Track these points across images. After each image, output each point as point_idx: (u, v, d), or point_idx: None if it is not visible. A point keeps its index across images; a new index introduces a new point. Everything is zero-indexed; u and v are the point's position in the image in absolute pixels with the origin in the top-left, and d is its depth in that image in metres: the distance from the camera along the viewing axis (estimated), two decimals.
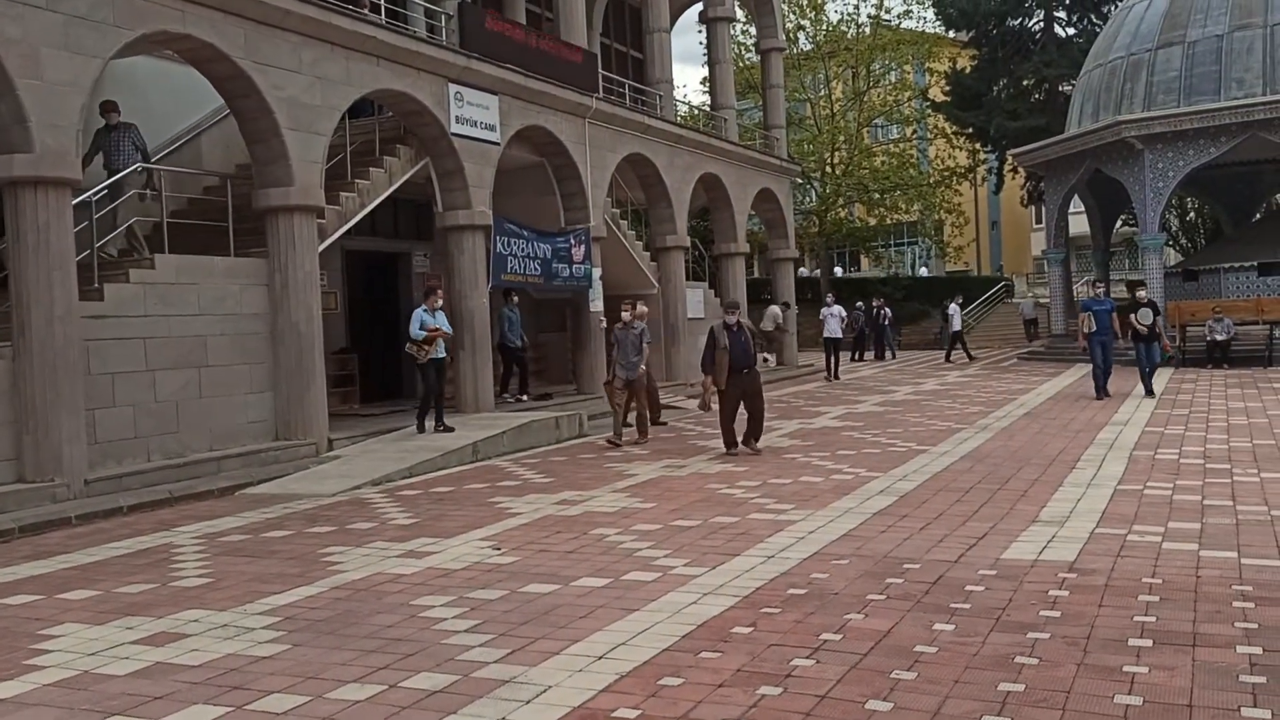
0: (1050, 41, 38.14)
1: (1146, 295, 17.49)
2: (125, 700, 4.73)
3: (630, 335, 13.62)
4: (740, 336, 12.06)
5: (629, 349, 13.59)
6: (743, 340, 12.09)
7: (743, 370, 12.03)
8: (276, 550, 7.91)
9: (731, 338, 11.99)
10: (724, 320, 12.19)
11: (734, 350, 11.94)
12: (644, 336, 13.71)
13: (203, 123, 16.03)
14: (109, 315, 10.87)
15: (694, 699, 4.49)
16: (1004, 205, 50.93)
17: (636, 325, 13.68)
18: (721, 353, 11.92)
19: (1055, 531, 7.51)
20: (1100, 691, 4.42)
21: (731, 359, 11.89)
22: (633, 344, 13.60)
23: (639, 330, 13.66)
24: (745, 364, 12.07)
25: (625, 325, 13.73)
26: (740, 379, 12.01)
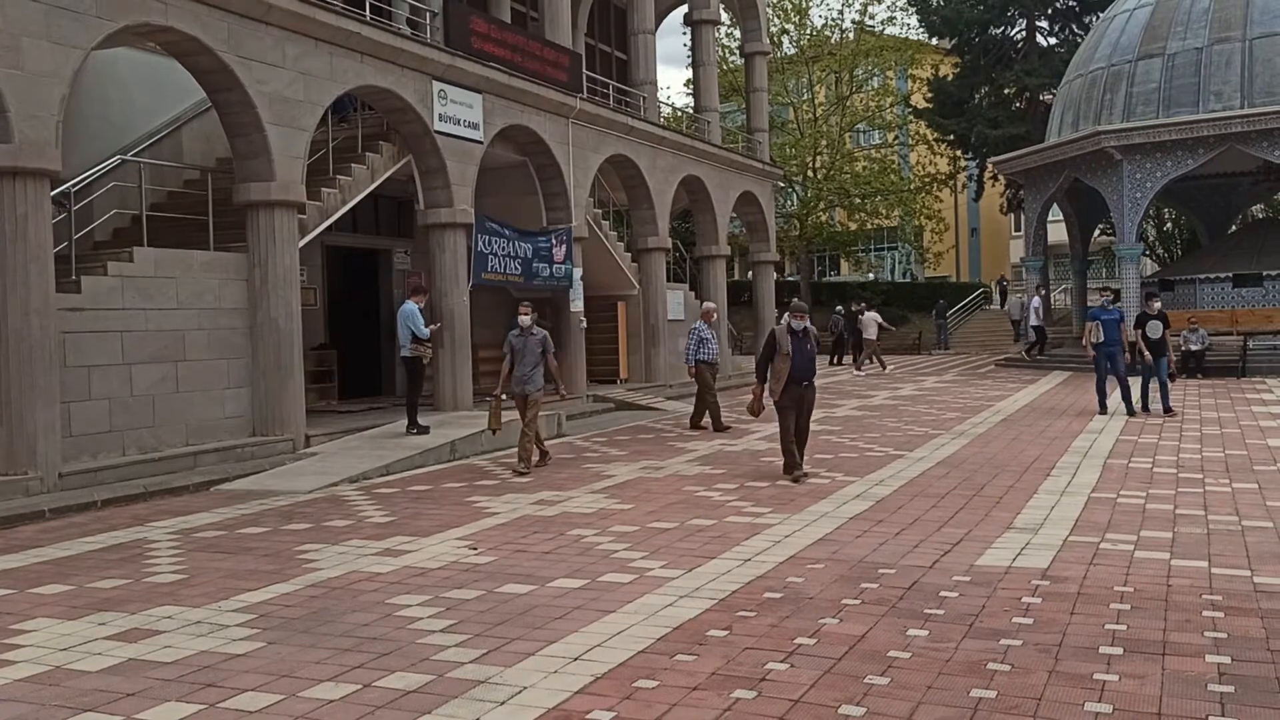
0: (1032, 50, 38.38)
1: (1159, 306, 16.48)
2: (97, 697, 4.70)
3: (529, 343, 11.62)
4: (806, 344, 10.50)
5: (526, 360, 11.62)
6: (808, 349, 10.54)
7: (802, 383, 10.48)
8: (252, 547, 7.88)
9: (796, 344, 10.38)
10: (788, 323, 10.50)
11: (797, 359, 10.35)
12: (545, 345, 11.73)
13: (184, 116, 15.94)
14: (86, 308, 10.79)
15: (668, 701, 4.50)
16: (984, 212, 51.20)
17: (536, 331, 11.76)
18: (783, 359, 10.31)
19: (1029, 539, 7.57)
20: (1071, 699, 4.47)
21: (793, 369, 10.33)
22: (531, 353, 11.62)
23: (539, 337, 11.72)
24: (807, 377, 10.53)
25: (523, 332, 11.66)
26: (798, 392, 10.45)
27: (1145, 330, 15.92)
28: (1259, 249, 26.33)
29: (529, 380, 11.56)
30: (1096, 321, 15.98)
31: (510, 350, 11.64)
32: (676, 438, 14.46)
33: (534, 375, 11.57)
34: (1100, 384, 16.04)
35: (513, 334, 11.71)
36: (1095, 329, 15.93)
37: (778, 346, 10.37)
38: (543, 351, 11.61)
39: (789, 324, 10.49)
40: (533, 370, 11.55)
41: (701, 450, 12.96)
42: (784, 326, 10.48)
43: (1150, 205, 25.94)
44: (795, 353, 10.35)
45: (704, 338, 15.33)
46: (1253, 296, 25.17)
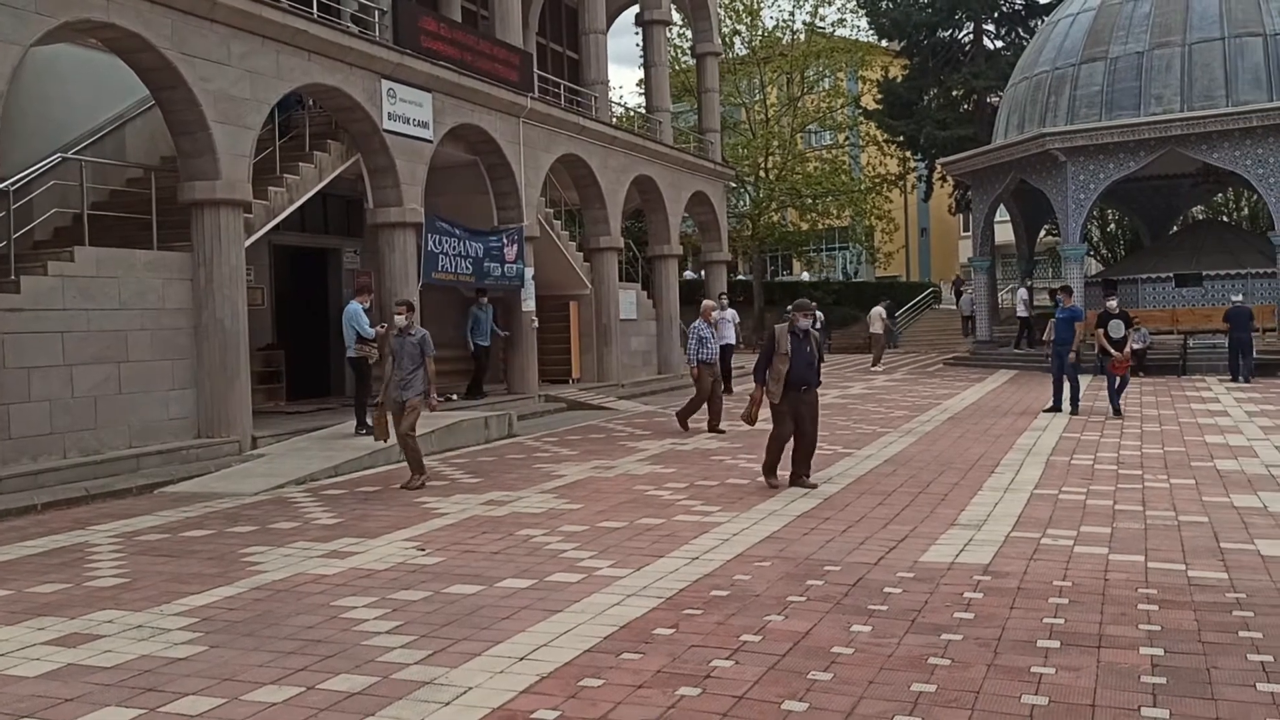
0: (979, 53, 38.88)
1: (1117, 305, 16.43)
2: (35, 702, 4.64)
3: (406, 345, 10.55)
4: (806, 346, 9.74)
5: (404, 363, 10.53)
6: (808, 351, 9.76)
7: (801, 388, 9.72)
8: (195, 550, 7.79)
9: (795, 346, 9.66)
10: (789, 322, 9.79)
11: (796, 362, 9.63)
12: (424, 346, 10.60)
13: (127, 113, 15.68)
14: (25, 308, 10.59)
15: (613, 700, 4.53)
16: (933, 213, 51.78)
17: (415, 331, 10.67)
18: (781, 360, 9.63)
19: (972, 535, 7.69)
20: (1008, 692, 4.55)
21: (791, 372, 9.63)
22: (410, 356, 10.54)
23: (418, 338, 10.59)
24: (806, 381, 9.76)
25: (401, 332, 10.61)
26: (797, 397, 9.70)
27: (1107, 329, 16.01)
28: (1199, 249, 26.92)
29: (407, 385, 10.49)
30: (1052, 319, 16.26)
31: (392, 354, 10.68)
32: (627, 437, 14.49)
33: (413, 380, 10.50)
34: (1056, 380, 16.22)
35: (391, 335, 10.86)
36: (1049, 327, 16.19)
37: (777, 347, 9.68)
38: (421, 353, 10.56)
39: (791, 322, 9.78)
40: (411, 374, 10.48)
41: (652, 450, 13.00)
42: (784, 325, 9.78)
43: (1094, 206, 26.40)
44: (795, 355, 9.62)
45: (704, 337, 14.75)
46: (1193, 296, 25.71)
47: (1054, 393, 16.23)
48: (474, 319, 18.11)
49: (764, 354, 9.88)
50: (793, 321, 9.75)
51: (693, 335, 14.80)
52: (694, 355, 14.68)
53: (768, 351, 9.80)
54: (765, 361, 9.81)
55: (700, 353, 14.64)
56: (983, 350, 29.52)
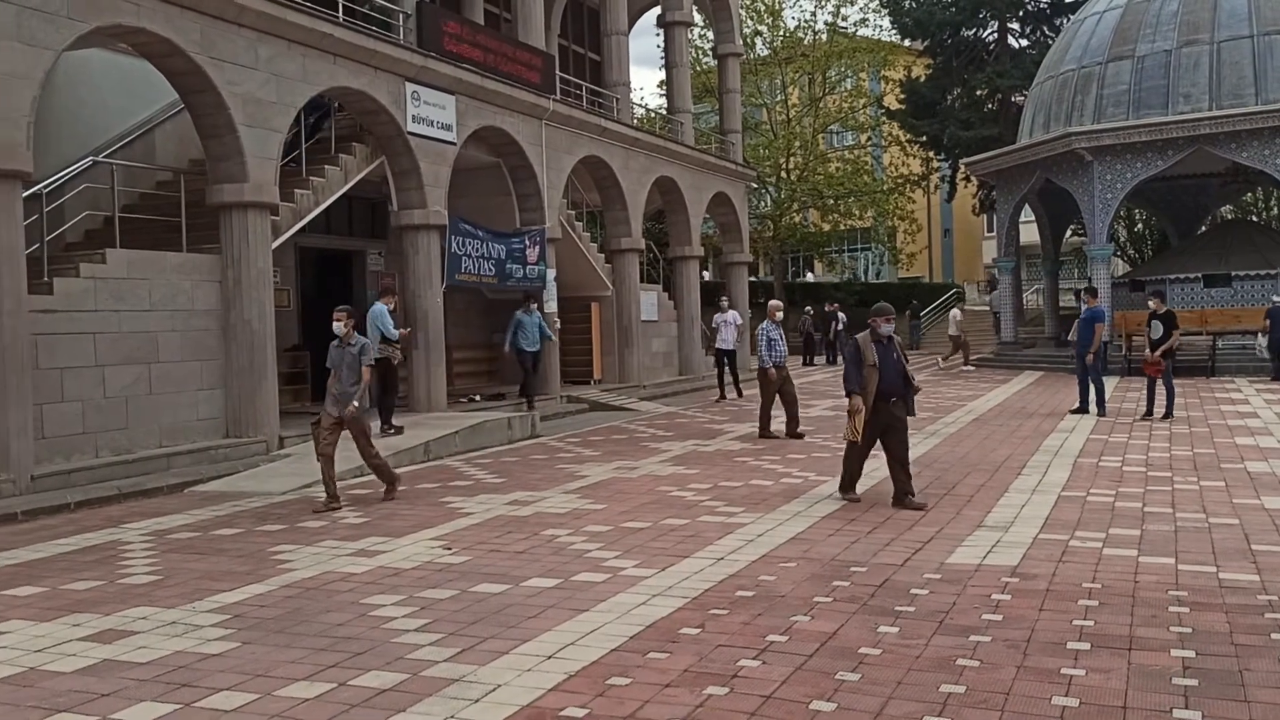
0: (1004, 52, 38.70)
1: (1162, 306, 15.74)
2: (72, 697, 4.70)
3: (345, 356, 9.74)
4: (892, 353, 9.02)
5: (344, 374, 9.71)
6: (894, 358, 9.02)
7: (891, 399, 8.97)
8: (226, 548, 7.87)
9: (882, 353, 8.93)
10: (871, 329, 9.05)
11: (885, 371, 8.89)
12: (363, 355, 9.79)
13: (156, 117, 15.85)
14: (59, 310, 10.73)
15: (641, 698, 4.55)
16: (956, 213, 51.56)
17: (355, 340, 9.80)
18: (869, 371, 8.88)
19: (999, 537, 7.66)
20: (1038, 693, 4.54)
21: (881, 382, 8.87)
22: (349, 367, 9.69)
23: (357, 347, 9.78)
24: (897, 392, 9.00)
25: (340, 342, 9.78)
26: (887, 410, 8.96)
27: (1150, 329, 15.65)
28: (1227, 249, 26.68)
29: (348, 398, 9.60)
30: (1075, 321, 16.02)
31: (332, 366, 9.83)
32: (650, 438, 14.51)
33: (354, 392, 9.62)
34: (1081, 381, 16.11)
35: (331, 345, 9.91)
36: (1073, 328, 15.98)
37: (863, 358, 8.91)
38: (359, 365, 9.74)
39: (873, 329, 9.04)
40: (353, 386, 9.63)
41: (675, 451, 13.01)
42: (866, 334, 9.05)
43: (1121, 206, 26.22)
44: (883, 363, 8.90)
45: (772, 338, 14.05)
46: (1222, 296, 25.49)
47: (1080, 394, 16.13)
48: (518, 324, 17.56)
49: (850, 366, 9.05)
50: (874, 328, 9.02)
51: (761, 337, 14.13)
52: (765, 358, 14.04)
53: (855, 361, 8.98)
54: (856, 369, 8.98)
55: (770, 355, 14.04)
56: (1007, 351, 29.37)
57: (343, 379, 9.69)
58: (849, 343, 9.23)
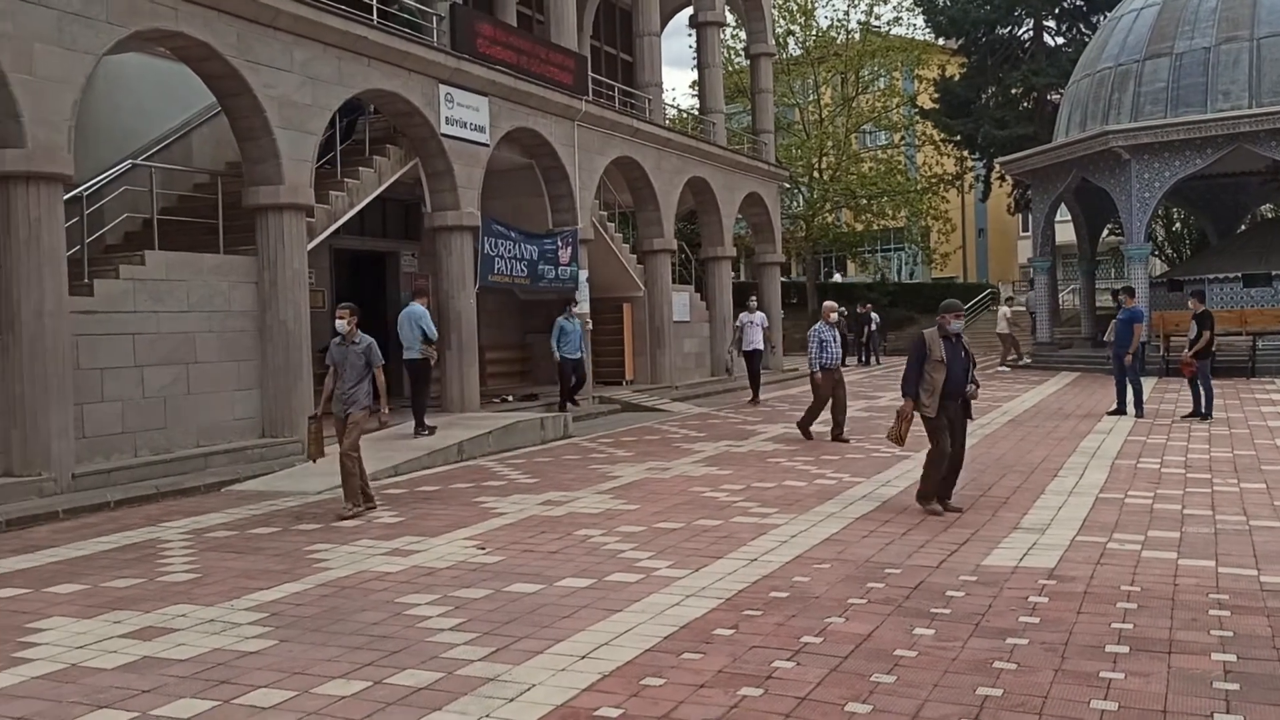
0: (1039, 50, 38.35)
1: (1200, 306, 15.50)
2: (114, 693, 4.77)
3: (350, 355, 9.29)
4: (960, 351, 8.74)
5: (347, 375, 9.28)
6: (963, 356, 8.76)
7: (957, 398, 8.70)
8: (263, 547, 7.95)
9: (950, 351, 8.63)
10: (940, 326, 8.74)
11: (952, 369, 8.59)
12: (370, 356, 9.31)
13: (193, 120, 16.04)
14: (99, 311, 10.88)
15: (675, 699, 4.55)
16: (991, 213, 51.14)
17: (359, 338, 9.32)
18: (936, 368, 8.56)
19: (1036, 539, 7.60)
20: (1077, 697, 4.50)
21: (948, 381, 8.57)
22: (353, 367, 9.28)
23: (362, 346, 9.30)
24: (961, 391, 8.70)
25: (343, 340, 9.35)
26: (954, 409, 8.71)
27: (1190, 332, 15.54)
28: (1267, 248, 26.28)
29: (351, 400, 9.26)
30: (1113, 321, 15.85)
31: (333, 364, 9.39)
32: (682, 439, 14.50)
33: (356, 393, 9.27)
34: (1119, 383, 15.92)
35: (333, 343, 9.48)
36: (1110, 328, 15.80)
37: (928, 353, 8.61)
38: (367, 364, 9.30)
39: (941, 325, 8.73)
40: (354, 387, 9.24)
41: (707, 451, 13.00)
42: (934, 330, 8.75)
43: (1159, 205, 25.91)
44: (951, 361, 8.58)
45: (824, 340, 13.67)
46: (1262, 296, 25.12)
47: (1117, 395, 15.95)
48: (560, 330, 17.37)
49: (913, 363, 8.69)
50: (942, 324, 8.70)
51: (813, 339, 13.73)
52: (814, 360, 13.69)
53: (918, 360, 8.66)
54: (916, 372, 8.65)
55: (821, 357, 13.67)
56: (1043, 352, 29.09)
57: (345, 378, 9.26)
58: (914, 338, 8.88)
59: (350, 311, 9.40)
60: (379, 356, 9.36)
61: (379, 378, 9.33)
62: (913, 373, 8.69)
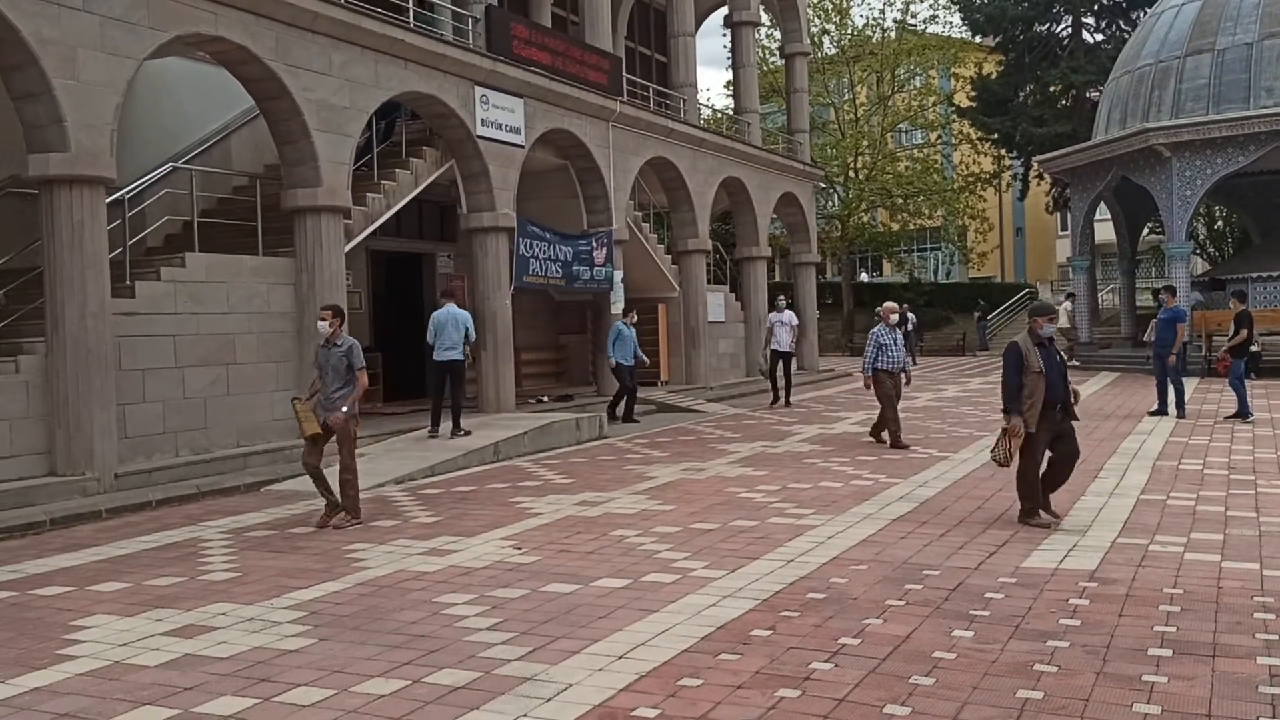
0: (1078, 47, 37.96)
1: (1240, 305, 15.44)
2: (156, 690, 4.83)
3: (332, 357, 8.90)
4: (1055, 356, 8.21)
5: (329, 378, 8.90)
6: (1058, 361, 8.23)
7: (1058, 406, 8.11)
8: (301, 546, 8.02)
9: (1046, 359, 8.06)
10: (1031, 332, 8.18)
11: (1051, 377, 8.01)
12: (352, 357, 8.86)
13: (232, 123, 16.20)
14: (140, 312, 11.02)
15: (713, 700, 4.54)
16: (1029, 212, 50.67)
17: (341, 340, 8.93)
18: (1035, 379, 7.96)
19: (1077, 540, 7.52)
20: (1119, 700, 4.45)
21: (1049, 390, 7.99)
22: (335, 370, 8.87)
23: (344, 348, 8.89)
24: (1062, 397, 8.12)
25: (327, 342, 8.94)
26: (1054, 419, 8.11)
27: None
28: None
29: (333, 404, 8.83)
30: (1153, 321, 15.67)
31: (318, 368, 9.07)
32: (717, 440, 14.47)
33: (339, 397, 8.85)
34: (1160, 383, 15.73)
35: (318, 346, 9.13)
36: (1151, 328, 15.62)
37: (1027, 365, 7.99)
38: (349, 366, 8.85)
39: (1033, 331, 8.17)
40: (337, 391, 8.83)
41: (743, 452, 12.97)
42: (1025, 337, 8.17)
43: (1200, 203, 25.56)
44: (1047, 368, 8.00)
45: (883, 343, 13.00)
46: None
47: (1159, 395, 15.75)
48: (617, 333, 17.21)
49: (1011, 376, 8.06)
50: (1034, 329, 8.15)
51: (870, 341, 13.08)
52: (869, 364, 13.02)
53: (1016, 372, 8.03)
54: (1017, 385, 8.02)
55: (879, 360, 12.93)
56: (1083, 353, 28.78)
57: (327, 381, 8.90)
58: (1008, 349, 8.18)
59: (332, 313, 9.04)
60: (360, 359, 8.96)
61: (361, 380, 8.94)
62: (1014, 387, 8.04)
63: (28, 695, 4.82)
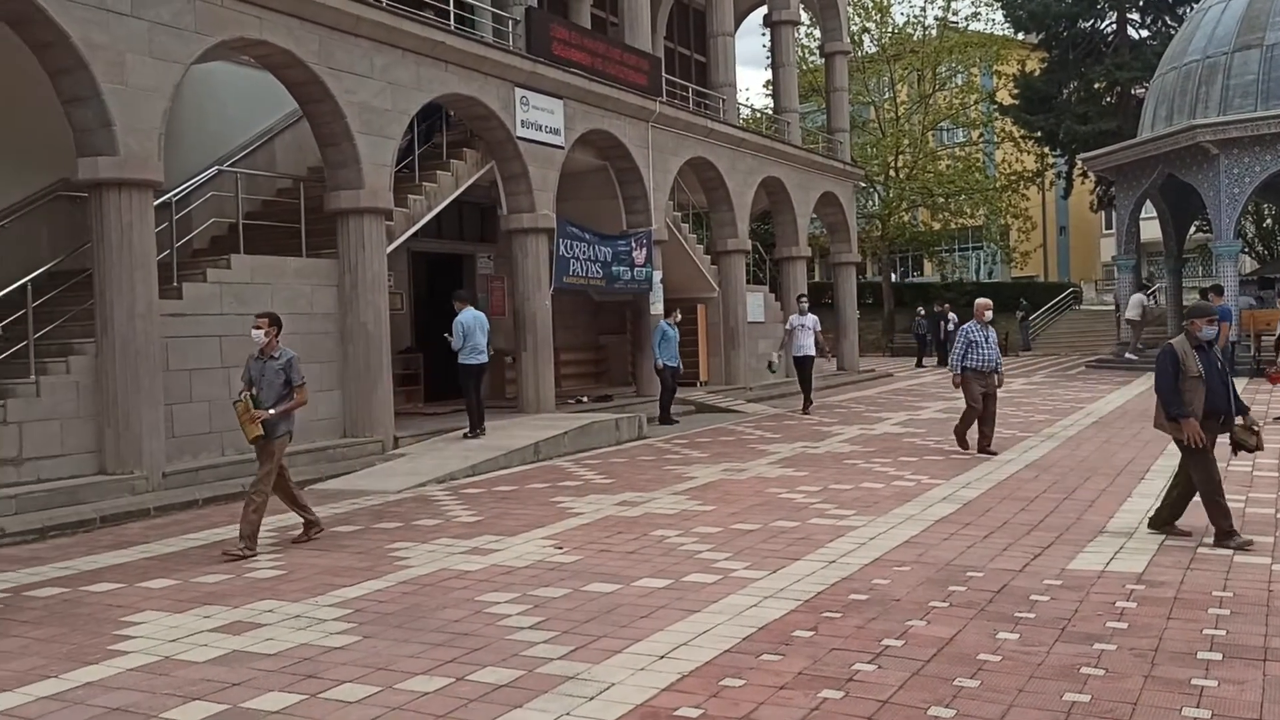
0: (1123, 43, 37.49)
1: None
2: (205, 686, 4.90)
3: (267, 370, 8.10)
4: (1216, 361, 7.45)
5: (264, 393, 8.05)
6: (1219, 367, 7.48)
7: (1220, 417, 7.42)
8: (345, 545, 8.10)
9: (1205, 363, 7.35)
10: (1187, 333, 7.50)
11: (1211, 383, 7.31)
12: (290, 372, 8.10)
13: (276, 126, 16.40)
14: (187, 313, 11.19)
15: (755, 700, 4.53)
16: (1072, 210, 50.07)
17: (278, 352, 8.14)
18: (1194, 385, 7.28)
19: (1123, 543, 7.42)
20: (1168, 704, 4.39)
21: (1209, 397, 7.30)
22: (270, 385, 8.06)
23: (282, 361, 8.10)
24: (1224, 407, 7.41)
25: (261, 353, 8.18)
26: (1215, 429, 7.45)
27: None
28: None
29: (265, 425, 7.94)
30: None
31: (246, 380, 8.21)
32: (757, 440, 14.44)
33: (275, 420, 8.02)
34: None
35: (250, 357, 8.36)
36: None
37: (1184, 369, 7.30)
38: (286, 381, 8.09)
39: (1191, 333, 7.46)
40: (272, 407, 8.02)
41: (783, 453, 12.92)
42: (1182, 340, 7.47)
43: (1248, 201, 25.12)
44: (1208, 375, 7.29)
45: (973, 340, 12.21)
46: None
47: None
48: (662, 333, 17.24)
49: (1166, 381, 7.39)
50: (1192, 332, 7.43)
51: (960, 338, 12.38)
52: (957, 362, 12.28)
53: (1172, 377, 7.35)
54: (1173, 388, 7.35)
55: (969, 358, 12.17)
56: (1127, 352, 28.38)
57: (262, 397, 8.00)
58: (1162, 353, 7.49)
59: (269, 321, 8.21)
60: (299, 374, 8.16)
61: (298, 398, 8.14)
62: (1168, 384, 7.38)
63: (80, 690, 4.91)
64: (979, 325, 12.37)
